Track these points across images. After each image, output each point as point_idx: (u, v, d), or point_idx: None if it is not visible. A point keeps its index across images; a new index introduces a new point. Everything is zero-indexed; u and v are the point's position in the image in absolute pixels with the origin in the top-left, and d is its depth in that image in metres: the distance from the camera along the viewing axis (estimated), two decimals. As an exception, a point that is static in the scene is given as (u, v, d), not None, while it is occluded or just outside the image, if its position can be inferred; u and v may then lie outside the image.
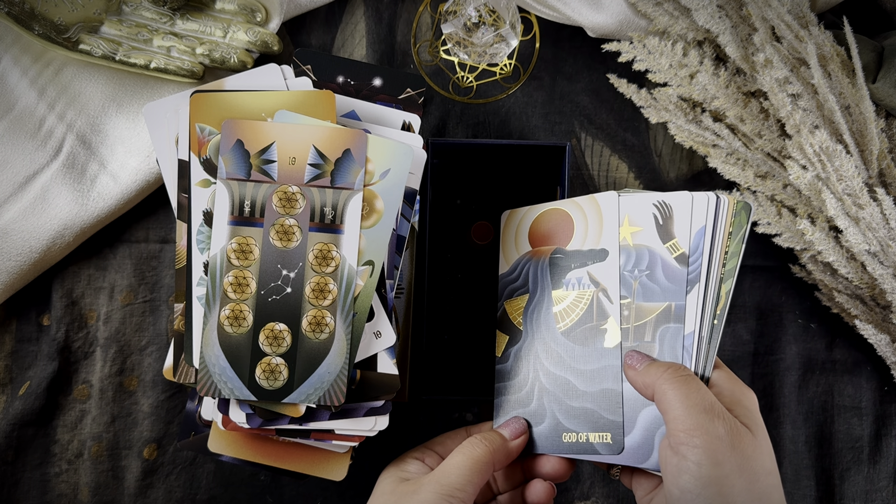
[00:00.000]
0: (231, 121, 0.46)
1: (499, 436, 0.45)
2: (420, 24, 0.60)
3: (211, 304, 0.46)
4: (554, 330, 0.47)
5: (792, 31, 0.53)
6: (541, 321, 0.48)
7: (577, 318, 0.46)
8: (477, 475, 0.41)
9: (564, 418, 0.45)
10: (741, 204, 0.45)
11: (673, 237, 0.44)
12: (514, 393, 0.48)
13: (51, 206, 0.54)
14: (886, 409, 0.58)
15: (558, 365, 0.46)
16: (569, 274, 0.47)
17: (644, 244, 0.45)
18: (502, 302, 0.50)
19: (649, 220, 0.45)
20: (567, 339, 0.46)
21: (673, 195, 0.45)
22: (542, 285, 0.48)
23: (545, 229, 0.49)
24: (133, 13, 0.56)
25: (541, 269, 0.49)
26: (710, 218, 0.44)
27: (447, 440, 0.48)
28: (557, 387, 0.46)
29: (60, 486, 0.56)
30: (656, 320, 0.44)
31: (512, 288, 0.50)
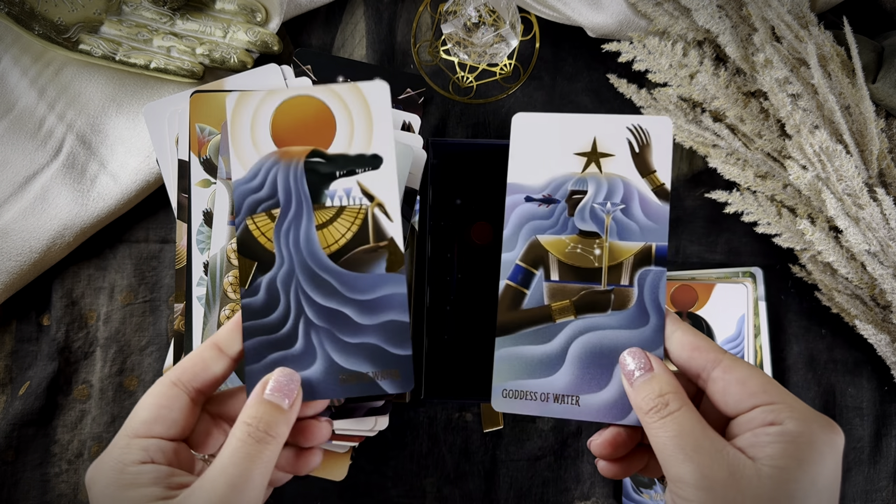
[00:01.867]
0: (231, 121, 0.46)
1: (271, 407, 0.35)
2: (420, 24, 0.60)
3: (211, 304, 0.46)
4: (319, 253, 0.39)
5: (792, 31, 0.53)
6: (300, 243, 0.39)
7: (348, 239, 0.39)
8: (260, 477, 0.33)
9: (341, 358, 0.39)
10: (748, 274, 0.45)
11: (652, 169, 0.40)
12: (272, 332, 0.39)
13: (51, 206, 0.55)
14: (886, 409, 0.58)
15: (328, 296, 0.39)
16: (333, 184, 0.39)
17: (617, 174, 0.40)
18: (242, 218, 0.39)
19: (623, 146, 0.40)
20: (337, 264, 0.39)
21: (651, 119, 0.40)
22: (298, 198, 0.39)
23: (294, 123, 0.40)
24: (133, 13, 0.56)
25: (293, 177, 0.39)
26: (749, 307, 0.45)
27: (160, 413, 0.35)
28: (329, 321, 0.39)
29: (60, 486, 0.56)
30: (634, 262, 0.39)
31: (255, 199, 0.39)
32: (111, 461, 0.33)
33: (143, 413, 0.34)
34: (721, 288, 0.57)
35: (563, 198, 0.41)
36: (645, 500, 0.56)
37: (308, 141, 0.39)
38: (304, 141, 0.39)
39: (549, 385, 0.40)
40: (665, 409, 0.35)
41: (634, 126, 0.40)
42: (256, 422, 0.34)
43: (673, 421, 0.34)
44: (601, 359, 0.39)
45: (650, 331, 0.39)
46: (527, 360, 0.41)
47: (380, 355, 0.38)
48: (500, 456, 0.57)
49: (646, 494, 0.56)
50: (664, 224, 0.39)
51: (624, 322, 0.39)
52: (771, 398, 0.34)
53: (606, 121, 0.41)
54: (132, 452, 0.33)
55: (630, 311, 0.39)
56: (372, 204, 0.39)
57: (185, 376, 0.36)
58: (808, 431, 0.33)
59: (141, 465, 0.33)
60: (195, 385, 0.36)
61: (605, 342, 0.39)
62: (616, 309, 0.39)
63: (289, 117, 0.39)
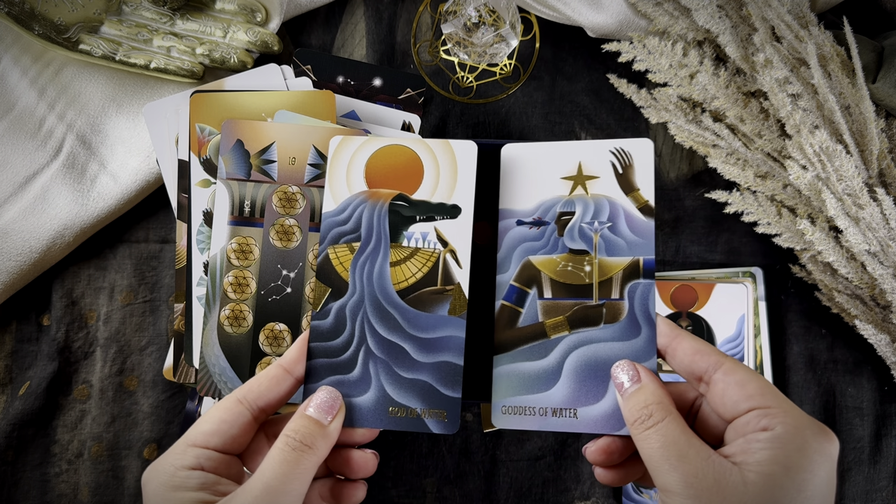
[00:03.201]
0: (231, 121, 0.46)
1: (312, 422, 0.37)
2: (420, 24, 0.60)
3: (211, 304, 0.46)
4: (388, 288, 0.41)
5: (792, 31, 0.53)
6: (373, 276, 0.42)
7: (417, 279, 0.42)
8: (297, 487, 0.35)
9: (393, 390, 0.40)
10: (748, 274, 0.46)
11: (635, 188, 0.42)
12: (334, 356, 0.41)
13: (51, 206, 0.55)
14: (886, 409, 0.58)
15: (391, 329, 0.41)
16: (412, 227, 0.42)
17: (603, 194, 0.42)
18: (325, 246, 0.42)
19: (607, 168, 0.42)
20: (404, 300, 0.41)
21: (632, 142, 0.42)
22: (379, 235, 0.42)
23: (386, 168, 0.43)
24: (133, 13, 0.56)
25: (377, 216, 0.42)
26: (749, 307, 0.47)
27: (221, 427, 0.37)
28: (388, 354, 0.41)
29: (60, 486, 0.56)
30: (623, 276, 0.41)
31: (339, 231, 0.43)
32: (166, 464, 0.35)
33: (205, 425, 0.36)
34: (721, 288, 0.57)
35: (553, 219, 0.43)
36: (645, 500, 0.56)
37: (396, 185, 0.43)
38: (392, 184, 0.43)
39: (547, 399, 0.41)
40: (650, 419, 0.35)
41: (617, 149, 0.42)
42: (295, 433, 0.36)
43: (657, 431, 0.35)
44: (596, 371, 0.40)
45: (642, 342, 0.40)
46: (524, 376, 0.42)
47: (430, 394, 0.40)
48: (500, 456, 0.57)
49: (646, 494, 0.56)
50: (650, 238, 0.41)
51: (616, 334, 0.41)
52: (767, 402, 0.34)
53: (590, 146, 0.43)
54: (186, 458, 0.35)
55: (622, 324, 0.41)
56: (445, 249, 0.42)
57: (250, 395, 0.37)
58: (800, 437, 0.33)
59: (191, 471, 0.35)
60: (259, 404, 0.38)
61: (599, 355, 0.40)
62: (608, 322, 0.41)
63: (382, 162, 0.43)
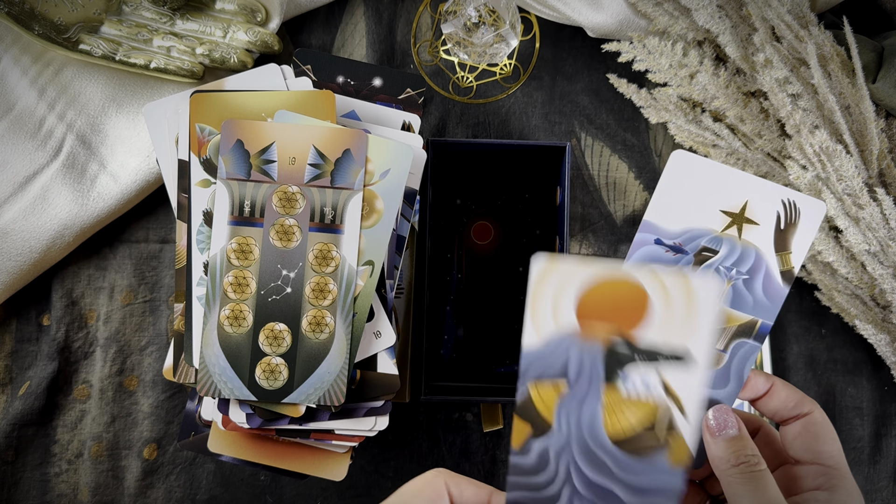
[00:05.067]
0: (231, 121, 0.46)
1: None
2: (420, 24, 0.60)
3: (211, 304, 0.46)
4: (600, 436, 0.37)
5: (792, 31, 0.53)
6: (582, 422, 0.37)
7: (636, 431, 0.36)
8: None
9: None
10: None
11: (788, 249, 0.39)
12: (537, 490, 0.38)
13: (51, 206, 0.54)
14: (886, 409, 0.58)
15: (600, 472, 0.37)
16: (631, 369, 0.36)
17: (754, 243, 0.39)
18: (526, 383, 0.37)
19: (770, 217, 0.39)
20: (617, 447, 0.37)
21: (807, 199, 0.39)
22: (590, 377, 0.36)
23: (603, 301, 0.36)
24: (133, 13, 0.56)
25: (588, 356, 0.36)
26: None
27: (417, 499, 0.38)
28: (596, 496, 0.37)
29: (60, 486, 0.56)
30: (735, 331, 0.39)
31: (542, 370, 0.37)
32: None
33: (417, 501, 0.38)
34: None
35: (693, 251, 0.40)
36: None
37: (613, 319, 0.35)
38: (608, 318, 0.35)
39: None
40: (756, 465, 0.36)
41: (789, 201, 0.39)
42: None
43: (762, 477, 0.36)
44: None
45: (726, 394, 0.39)
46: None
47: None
48: (500, 456, 0.57)
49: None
50: (778, 305, 0.39)
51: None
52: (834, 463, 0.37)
53: (763, 186, 0.39)
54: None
55: (714, 372, 0.39)
56: (671, 402, 0.35)
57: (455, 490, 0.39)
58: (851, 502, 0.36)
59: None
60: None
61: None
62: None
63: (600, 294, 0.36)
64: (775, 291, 0.39)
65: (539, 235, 0.58)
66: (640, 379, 0.36)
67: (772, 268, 0.39)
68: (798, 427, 0.38)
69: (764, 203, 0.39)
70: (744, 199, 0.39)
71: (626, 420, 0.36)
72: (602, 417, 0.36)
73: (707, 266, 0.40)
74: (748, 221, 0.39)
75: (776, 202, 0.39)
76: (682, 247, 0.40)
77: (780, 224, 0.39)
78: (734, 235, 0.39)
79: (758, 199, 0.39)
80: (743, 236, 0.39)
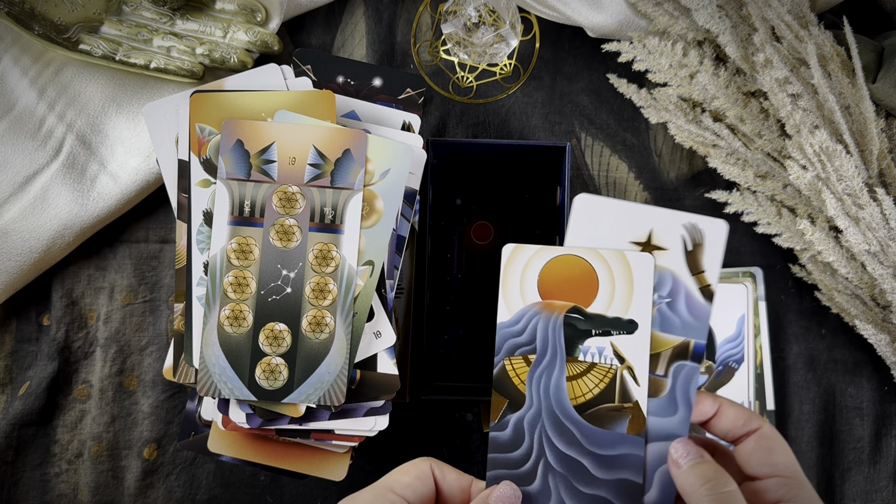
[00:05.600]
0: (231, 121, 0.46)
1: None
2: (420, 24, 0.60)
3: (211, 304, 0.46)
4: (566, 403, 0.41)
5: (792, 31, 0.53)
6: (550, 391, 0.42)
7: (594, 395, 0.41)
8: None
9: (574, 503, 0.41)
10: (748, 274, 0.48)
11: (701, 269, 0.41)
12: (514, 467, 0.42)
13: (51, 206, 0.54)
14: (886, 409, 0.58)
15: (569, 444, 0.41)
16: (587, 341, 0.42)
17: (668, 268, 0.41)
18: (501, 357, 0.43)
19: (677, 242, 0.41)
20: (582, 416, 0.41)
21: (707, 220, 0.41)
22: (554, 348, 0.42)
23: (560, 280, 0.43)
24: (133, 13, 0.56)
25: (552, 328, 0.42)
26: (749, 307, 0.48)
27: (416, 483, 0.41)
28: (567, 469, 0.41)
29: (60, 486, 0.56)
30: (672, 355, 0.41)
31: (515, 343, 0.43)
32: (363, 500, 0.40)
33: (403, 477, 0.41)
34: (721, 288, 0.57)
35: None
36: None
37: (570, 297, 0.42)
38: (566, 296, 0.42)
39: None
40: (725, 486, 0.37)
41: (690, 225, 0.41)
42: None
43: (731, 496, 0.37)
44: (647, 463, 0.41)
45: (677, 421, 0.41)
46: None
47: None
48: (500, 456, 0.57)
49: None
50: (705, 323, 0.41)
51: (653, 409, 0.41)
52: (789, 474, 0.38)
53: (664, 214, 0.42)
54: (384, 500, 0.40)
55: (661, 400, 0.41)
56: (622, 366, 0.41)
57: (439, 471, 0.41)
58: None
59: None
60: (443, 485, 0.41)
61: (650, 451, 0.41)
62: (648, 396, 0.41)
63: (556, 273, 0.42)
64: (699, 309, 0.41)
65: (539, 235, 0.58)
66: (596, 347, 0.42)
67: (690, 288, 0.41)
68: (751, 444, 0.39)
69: (667, 229, 0.41)
70: (648, 229, 0.41)
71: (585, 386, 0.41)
72: (566, 387, 0.42)
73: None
74: (657, 248, 0.41)
75: (678, 227, 0.41)
76: None
77: (688, 246, 0.41)
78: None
79: (661, 227, 0.41)
80: (657, 262, 0.41)
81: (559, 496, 0.41)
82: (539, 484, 0.41)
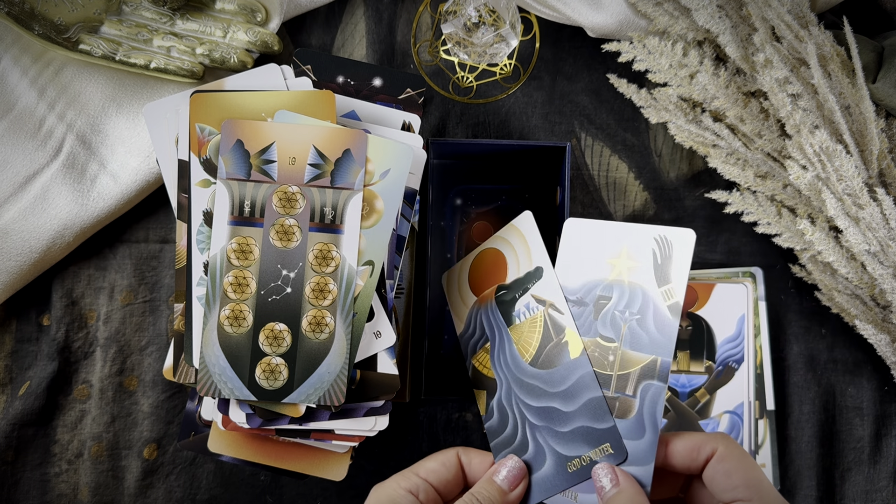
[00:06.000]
0: (231, 121, 0.46)
1: (496, 489, 0.43)
2: (420, 24, 0.60)
3: (211, 304, 0.46)
4: (522, 365, 0.46)
5: (792, 31, 0.53)
6: (508, 362, 0.46)
7: (538, 343, 0.45)
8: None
9: (563, 448, 0.44)
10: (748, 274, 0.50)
11: (669, 281, 0.43)
12: (509, 445, 0.46)
13: (51, 206, 0.54)
14: (886, 409, 0.58)
15: (538, 396, 0.45)
16: (517, 305, 0.47)
17: (639, 283, 0.43)
18: (469, 360, 0.49)
19: (648, 256, 0.44)
20: (537, 367, 0.45)
21: (675, 231, 0.43)
22: (498, 327, 0.47)
23: (483, 274, 0.49)
24: (133, 13, 0.56)
25: (490, 313, 0.48)
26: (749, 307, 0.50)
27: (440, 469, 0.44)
28: (544, 419, 0.44)
29: (60, 486, 0.56)
30: (640, 373, 0.42)
31: (473, 343, 0.49)
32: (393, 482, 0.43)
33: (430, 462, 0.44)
34: (721, 288, 0.57)
35: (592, 302, 0.45)
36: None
37: (493, 281, 0.48)
38: (490, 282, 0.48)
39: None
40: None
41: (660, 237, 0.43)
42: (482, 497, 0.41)
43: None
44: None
45: (645, 444, 0.42)
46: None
47: (590, 434, 0.43)
48: (500, 456, 0.57)
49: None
50: (672, 339, 0.42)
51: (623, 431, 0.42)
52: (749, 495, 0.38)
53: (637, 230, 0.44)
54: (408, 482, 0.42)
55: (629, 422, 0.42)
56: (545, 307, 0.45)
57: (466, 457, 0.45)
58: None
59: (408, 493, 0.42)
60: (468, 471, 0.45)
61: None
62: (619, 417, 0.43)
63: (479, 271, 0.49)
64: (666, 326, 0.42)
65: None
66: (523, 306, 0.46)
67: (658, 303, 0.43)
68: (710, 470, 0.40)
69: (639, 244, 0.43)
70: (623, 245, 0.44)
71: (529, 342, 0.45)
72: (517, 352, 0.46)
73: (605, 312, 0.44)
74: (629, 263, 0.44)
75: (649, 241, 0.43)
76: (582, 300, 0.45)
77: (658, 259, 0.43)
78: (622, 279, 0.44)
79: (633, 242, 0.44)
80: (628, 279, 0.44)
81: (550, 447, 0.44)
82: (533, 448, 0.44)
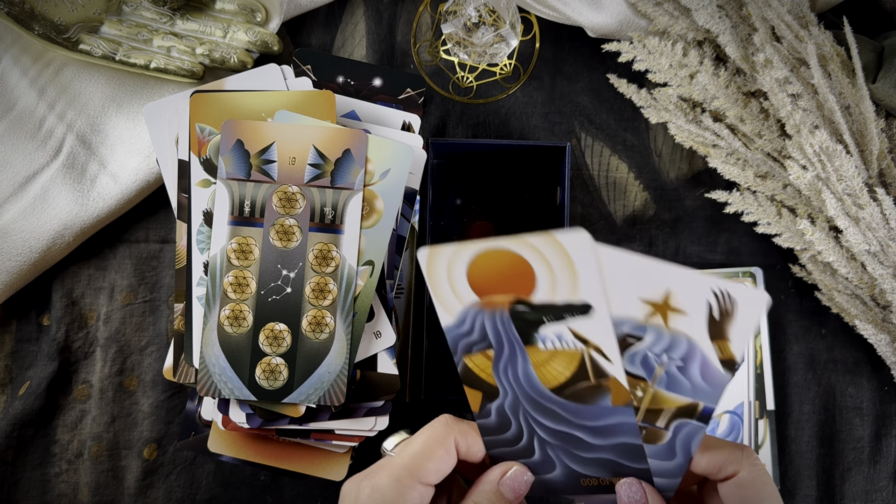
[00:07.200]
0: (231, 121, 0.46)
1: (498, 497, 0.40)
2: (420, 24, 0.60)
3: (211, 304, 0.46)
4: (540, 388, 0.40)
5: (792, 31, 0.53)
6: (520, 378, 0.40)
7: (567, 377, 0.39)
8: None
9: (579, 466, 0.40)
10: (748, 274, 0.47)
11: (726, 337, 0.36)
12: (510, 445, 0.41)
13: (51, 206, 0.55)
14: (886, 409, 0.58)
15: (558, 422, 0.40)
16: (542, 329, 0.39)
17: (684, 331, 0.37)
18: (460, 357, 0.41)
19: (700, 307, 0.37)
20: (561, 397, 0.40)
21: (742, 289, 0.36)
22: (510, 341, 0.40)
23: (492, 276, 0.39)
24: (133, 13, 0.56)
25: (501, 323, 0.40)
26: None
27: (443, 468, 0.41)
28: (563, 441, 0.40)
29: (60, 486, 0.56)
30: (675, 412, 0.38)
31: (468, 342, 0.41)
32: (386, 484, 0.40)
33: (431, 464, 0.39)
34: None
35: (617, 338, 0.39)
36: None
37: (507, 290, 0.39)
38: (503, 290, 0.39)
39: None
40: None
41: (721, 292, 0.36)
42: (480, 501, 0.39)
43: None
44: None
45: (673, 465, 0.39)
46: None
47: (617, 466, 0.39)
48: (500, 456, 0.57)
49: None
50: (720, 390, 0.37)
51: (651, 451, 0.39)
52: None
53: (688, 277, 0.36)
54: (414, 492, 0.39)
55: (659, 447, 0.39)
56: (587, 347, 0.38)
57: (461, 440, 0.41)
58: None
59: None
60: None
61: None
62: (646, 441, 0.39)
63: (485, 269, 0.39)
64: (716, 378, 0.37)
65: (539, 235, 0.58)
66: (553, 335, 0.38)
67: (708, 355, 0.37)
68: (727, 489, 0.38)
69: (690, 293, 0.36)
70: (665, 289, 0.37)
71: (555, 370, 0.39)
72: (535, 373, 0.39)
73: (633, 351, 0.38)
74: (673, 310, 0.37)
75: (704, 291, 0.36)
76: None
77: (714, 314, 0.36)
78: (660, 324, 0.37)
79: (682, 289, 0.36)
80: (670, 325, 0.37)
81: (563, 462, 0.40)
82: (540, 455, 0.40)
